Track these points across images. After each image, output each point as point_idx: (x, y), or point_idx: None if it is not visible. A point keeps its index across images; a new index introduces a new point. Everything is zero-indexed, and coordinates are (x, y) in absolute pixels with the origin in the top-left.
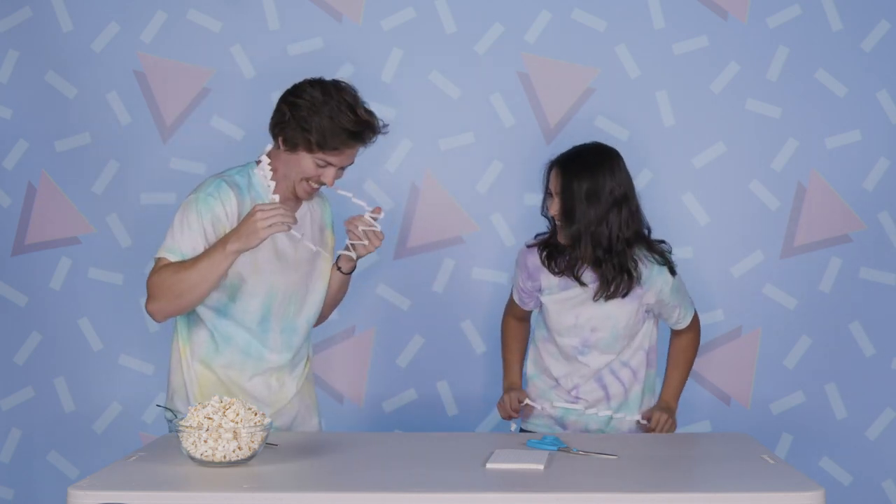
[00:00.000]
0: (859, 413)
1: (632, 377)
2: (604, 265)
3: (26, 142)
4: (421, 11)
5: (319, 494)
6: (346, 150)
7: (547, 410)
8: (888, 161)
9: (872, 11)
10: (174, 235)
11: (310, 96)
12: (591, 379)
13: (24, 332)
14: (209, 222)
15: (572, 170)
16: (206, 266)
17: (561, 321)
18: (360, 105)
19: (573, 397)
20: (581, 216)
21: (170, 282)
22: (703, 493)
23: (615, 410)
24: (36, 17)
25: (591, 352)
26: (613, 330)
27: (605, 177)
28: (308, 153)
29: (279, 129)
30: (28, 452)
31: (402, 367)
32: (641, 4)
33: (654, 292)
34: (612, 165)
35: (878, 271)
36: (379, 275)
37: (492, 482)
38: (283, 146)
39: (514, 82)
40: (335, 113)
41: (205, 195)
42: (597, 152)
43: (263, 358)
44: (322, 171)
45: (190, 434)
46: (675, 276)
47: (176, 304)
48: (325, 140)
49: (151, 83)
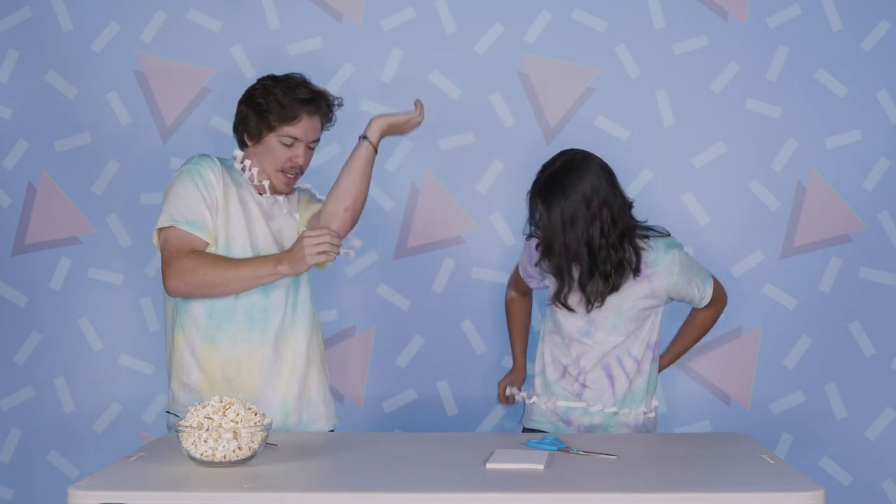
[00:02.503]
0: (859, 413)
1: (636, 369)
2: (592, 280)
3: (26, 142)
4: (421, 11)
5: (319, 494)
6: (306, 118)
7: (551, 407)
8: (888, 161)
9: (872, 11)
10: (176, 204)
11: (262, 85)
12: (598, 365)
13: (24, 332)
14: (203, 188)
15: (547, 199)
16: (249, 274)
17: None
18: (311, 83)
19: (580, 386)
20: (559, 248)
21: (205, 270)
22: (703, 493)
23: (619, 406)
24: (36, 17)
25: (597, 332)
26: (619, 311)
27: (576, 193)
28: (272, 132)
29: (241, 126)
30: (28, 452)
31: (402, 367)
32: (641, 4)
33: (663, 274)
34: (582, 175)
35: (878, 271)
36: (379, 275)
37: (492, 482)
38: (249, 141)
39: (514, 82)
40: (287, 89)
41: (193, 164)
42: (565, 169)
43: (268, 319)
44: (291, 150)
45: (190, 434)
46: (680, 251)
47: (200, 291)
48: (283, 111)
49: (151, 83)
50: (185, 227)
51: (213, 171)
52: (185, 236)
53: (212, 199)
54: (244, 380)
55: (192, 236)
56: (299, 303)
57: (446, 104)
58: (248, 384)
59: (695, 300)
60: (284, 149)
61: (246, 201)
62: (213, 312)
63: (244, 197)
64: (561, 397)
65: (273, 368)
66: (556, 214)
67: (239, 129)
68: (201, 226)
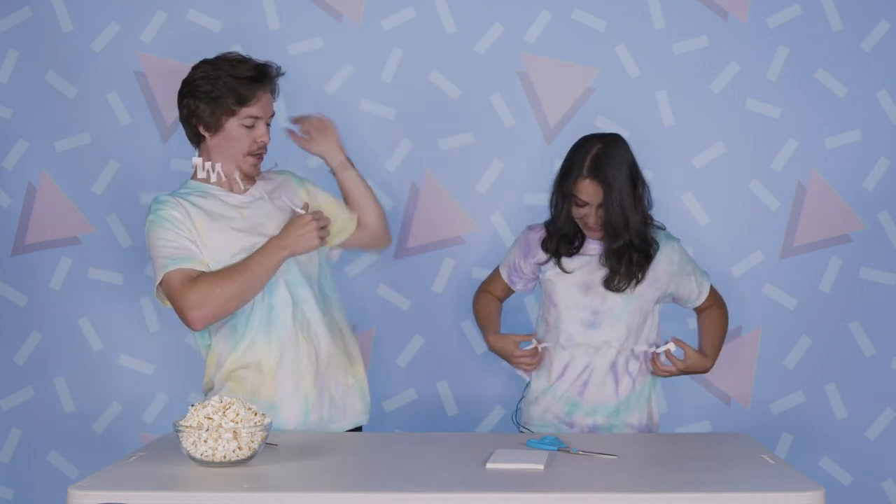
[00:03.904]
0: (859, 413)
1: (639, 370)
2: (630, 254)
3: (26, 142)
4: (421, 11)
5: (319, 494)
6: (261, 94)
7: (553, 410)
8: (888, 161)
9: (872, 11)
10: (160, 252)
11: (202, 73)
12: (600, 363)
13: (24, 332)
14: (175, 226)
15: (604, 177)
16: (260, 270)
17: (568, 293)
18: (248, 57)
19: (581, 385)
20: (632, 223)
21: (218, 287)
22: (703, 493)
23: (623, 407)
24: (36, 17)
25: (601, 324)
26: (625, 300)
27: (624, 172)
28: (233, 118)
29: (195, 119)
30: (28, 452)
31: (402, 367)
32: (641, 4)
33: (665, 263)
34: (624, 154)
35: (878, 271)
36: (379, 275)
37: (492, 482)
38: (207, 132)
39: (514, 82)
40: (231, 70)
41: (154, 214)
42: (609, 148)
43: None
44: (254, 131)
45: (190, 434)
46: (679, 243)
47: (222, 311)
48: (239, 94)
49: (151, 83)
50: (177, 266)
51: (174, 208)
52: (181, 272)
53: (188, 231)
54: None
55: (187, 269)
56: (309, 302)
57: (446, 104)
58: (267, 383)
59: (692, 296)
60: (247, 131)
61: (218, 214)
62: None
63: (213, 211)
64: (561, 398)
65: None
66: (617, 193)
67: (191, 122)
68: (190, 257)
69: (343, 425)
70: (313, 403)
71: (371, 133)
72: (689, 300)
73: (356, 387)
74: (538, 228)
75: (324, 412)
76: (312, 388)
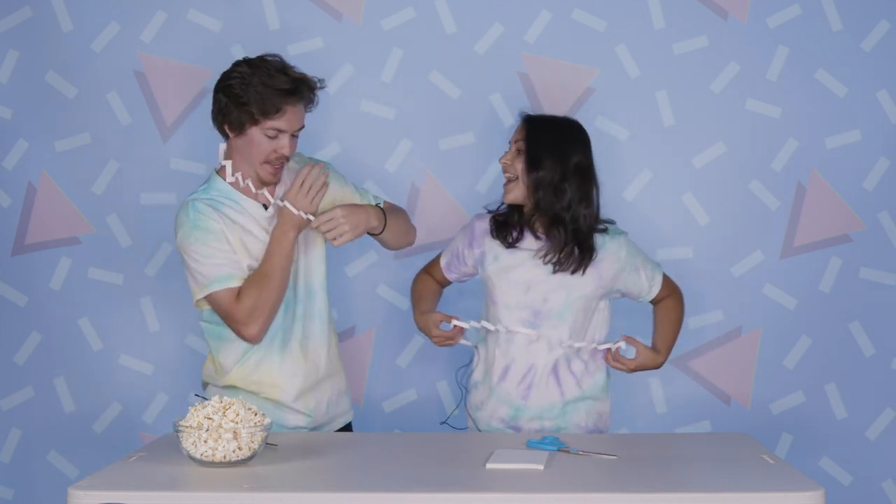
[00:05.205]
0: (859, 413)
1: (583, 370)
2: (558, 229)
3: (26, 142)
4: (421, 11)
5: (319, 494)
6: (290, 109)
7: (497, 414)
8: (888, 161)
9: (872, 11)
10: (202, 270)
11: (238, 74)
12: (544, 364)
13: (24, 332)
14: (217, 238)
15: (542, 125)
16: (279, 259)
17: (509, 291)
18: (289, 67)
19: (525, 388)
20: (547, 165)
21: (263, 298)
22: (703, 493)
23: (569, 409)
24: (36, 17)
25: (542, 324)
26: (567, 299)
27: (572, 144)
28: (255, 126)
29: (222, 117)
30: (28, 452)
31: (402, 367)
32: (641, 4)
33: (610, 259)
34: (581, 138)
35: (878, 271)
36: (379, 275)
37: (492, 482)
38: (231, 132)
39: (514, 82)
40: (267, 78)
41: (191, 225)
42: (568, 123)
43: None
44: (276, 142)
45: (190, 434)
46: (626, 237)
47: (273, 313)
48: (265, 106)
49: (151, 83)
50: (221, 287)
51: (210, 217)
52: (228, 292)
53: (227, 243)
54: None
55: (233, 288)
56: (313, 318)
57: (446, 104)
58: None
59: (643, 291)
60: (269, 141)
61: (252, 236)
62: None
63: (247, 228)
64: (505, 401)
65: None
66: (548, 140)
67: (219, 119)
68: (233, 275)
69: (332, 426)
70: (311, 413)
71: (371, 133)
72: (641, 295)
73: (344, 390)
74: (484, 218)
75: (318, 420)
76: (312, 401)
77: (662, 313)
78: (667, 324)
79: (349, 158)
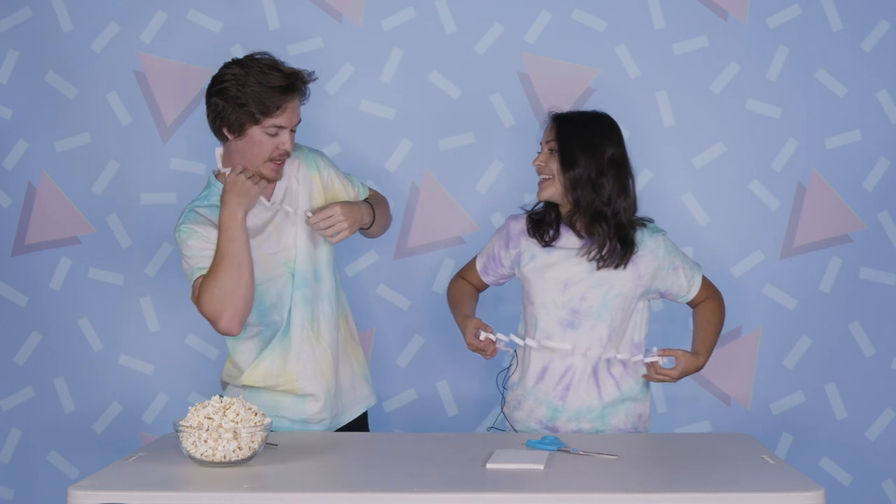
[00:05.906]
0: (859, 413)
1: (622, 372)
2: (601, 225)
3: (26, 142)
4: (421, 11)
5: (319, 494)
6: (288, 105)
7: (535, 415)
8: (888, 161)
9: (872, 11)
10: (194, 258)
11: (232, 76)
12: (582, 365)
13: (24, 332)
14: (204, 237)
15: (572, 122)
16: (229, 244)
17: (546, 290)
18: (280, 63)
19: (563, 389)
20: (582, 163)
21: (216, 289)
22: (703, 493)
23: (608, 411)
24: (36, 17)
25: (581, 324)
26: (605, 297)
27: (605, 137)
28: (256, 126)
29: (220, 120)
30: (28, 452)
31: (402, 367)
32: (641, 4)
33: (649, 257)
34: (613, 130)
35: (878, 271)
36: (379, 275)
37: (492, 482)
38: (230, 134)
39: (514, 82)
40: (261, 77)
41: (186, 227)
42: (597, 117)
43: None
44: (277, 139)
45: (190, 434)
46: (664, 235)
47: (236, 301)
48: (264, 105)
49: (151, 83)
50: (193, 278)
51: (205, 226)
52: (196, 284)
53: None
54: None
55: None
56: (322, 300)
57: (446, 104)
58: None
59: (682, 290)
60: (270, 139)
61: (256, 241)
62: None
63: (250, 228)
64: (543, 402)
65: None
66: (580, 138)
67: (216, 122)
68: (203, 268)
69: (354, 412)
70: (328, 401)
71: (371, 133)
72: (679, 295)
73: (360, 371)
74: (520, 219)
75: (337, 406)
76: (330, 383)
77: (703, 315)
78: (707, 325)
79: (349, 158)
